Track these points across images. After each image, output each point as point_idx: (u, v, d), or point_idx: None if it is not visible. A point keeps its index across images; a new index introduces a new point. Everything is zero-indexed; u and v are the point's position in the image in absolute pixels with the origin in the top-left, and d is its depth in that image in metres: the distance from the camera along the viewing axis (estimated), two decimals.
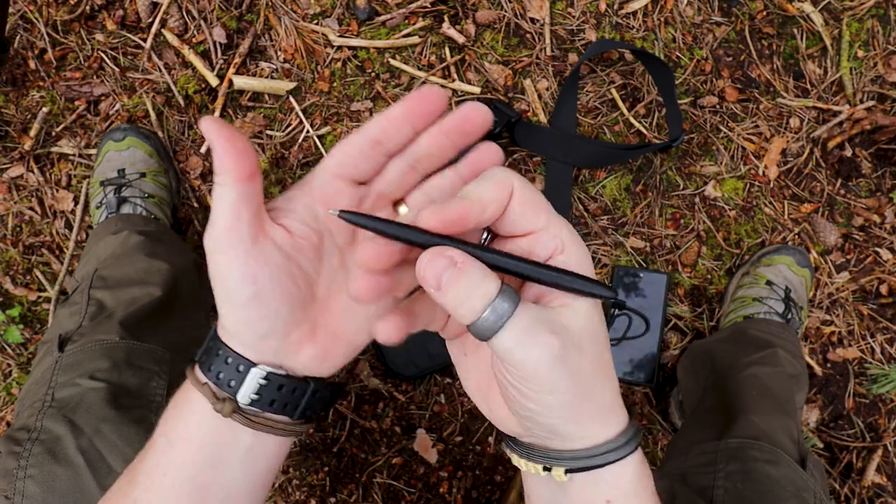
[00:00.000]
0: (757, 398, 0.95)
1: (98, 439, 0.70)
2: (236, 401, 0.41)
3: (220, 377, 0.41)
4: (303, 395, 0.43)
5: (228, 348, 0.41)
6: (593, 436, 0.38)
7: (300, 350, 0.42)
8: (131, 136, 1.20)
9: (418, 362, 1.22)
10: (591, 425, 0.38)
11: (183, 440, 0.42)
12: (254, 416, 0.42)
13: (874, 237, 1.29)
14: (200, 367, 0.42)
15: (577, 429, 0.38)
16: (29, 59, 1.27)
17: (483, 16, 1.29)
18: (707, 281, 1.29)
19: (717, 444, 0.86)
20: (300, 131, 1.28)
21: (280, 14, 1.28)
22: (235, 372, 0.41)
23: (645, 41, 1.30)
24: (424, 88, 0.40)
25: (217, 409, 0.41)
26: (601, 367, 0.38)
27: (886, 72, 1.30)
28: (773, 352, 1.05)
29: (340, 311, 0.43)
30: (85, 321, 0.88)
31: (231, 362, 0.41)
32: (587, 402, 0.37)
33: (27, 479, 0.67)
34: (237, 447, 0.42)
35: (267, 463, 0.44)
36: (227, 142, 0.37)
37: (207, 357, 0.42)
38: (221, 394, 0.41)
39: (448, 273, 0.34)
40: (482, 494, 1.25)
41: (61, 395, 0.75)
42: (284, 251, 0.40)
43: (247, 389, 0.41)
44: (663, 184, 1.29)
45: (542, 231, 0.37)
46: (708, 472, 0.82)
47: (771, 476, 0.79)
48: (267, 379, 0.41)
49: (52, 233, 1.27)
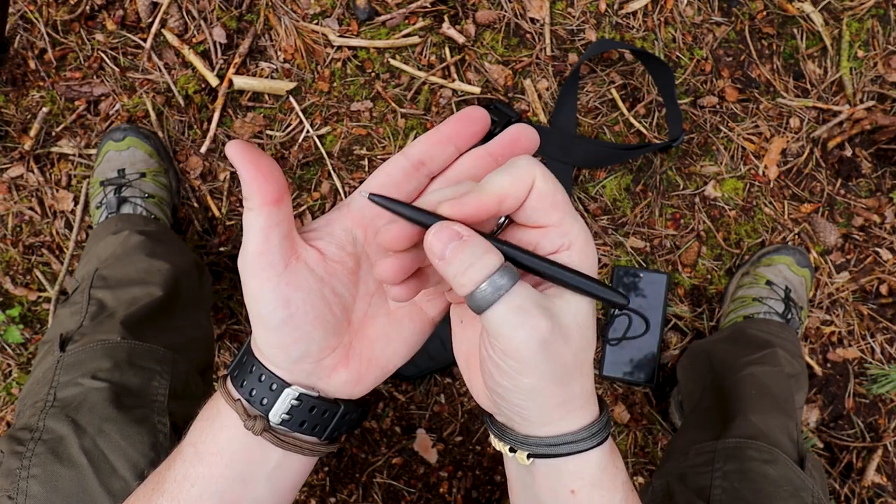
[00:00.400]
0: (755, 397, 0.95)
1: (101, 439, 0.70)
2: (267, 419, 0.42)
3: (253, 394, 0.41)
4: (333, 417, 0.43)
5: (262, 365, 0.41)
6: (557, 425, 0.39)
7: (333, 374, 0.42)
8: (131, 136, 1.20)
9: (418, 362, 1.22)
10: (556, 414, 0.39)
11: (212, 454, 0.42)
12: (283, 436, 0.42)
13: (874, 237, 1.29)
14: (233, 382, 0.43)
15: (542, 416, 0.39)
16: (29, 59, 1.27)
17: (483, 16, 1.29)
18: (707, 281, 1.29)
19: (715, 443, 0.87)
20: (300, 131, 1.28)
21: (280, 14, 1.28)
22: (268, 390, 0.41)
23: (645, 41, 1.30)
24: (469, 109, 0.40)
25: (248, 427, 0.41)
26: (582, 360, 0.38)
27: (886, 72, 1.30)
28: (772, 351, 1.05)
29: (376, 336, 0.43)
30: (86, 321, 0.88)
31: (264, 380, 0.41)
32: (559, 391, 0.38)
33: (30, 478, 0.67)
34: (265, 465, 0.43)
35: (293, 481, 0.45)
36: (252, 166, 0.37)
37: (240, 372, 0.42)
38: (253, 411, 0.42)
39: (453, 244, 0.35)
40: (482, 494, 1.25)
41: (63, 395, 0.75)
42: (318, 275, 0.40)
43: (278, 409, 0.41)
44: (663, 184, 1.29)
45: (553, 227, 0.37)
46: (706, 472, 0.82)
47: (768, 476, 0.80)
48: (299, 400, 0.41)
49: (52, 233, 1.27)
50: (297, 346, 0.40)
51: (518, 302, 0.35)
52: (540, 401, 0.38)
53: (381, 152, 1.28)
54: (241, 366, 0.43)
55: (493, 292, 0.35)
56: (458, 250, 0.35)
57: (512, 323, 0.35)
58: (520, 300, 0.35)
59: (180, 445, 0.44)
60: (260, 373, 0.41)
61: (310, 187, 1.28)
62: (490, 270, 0.35)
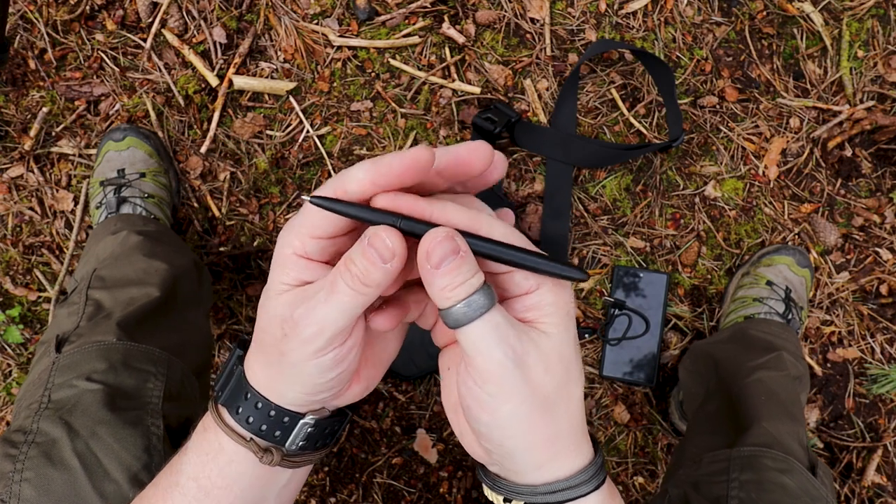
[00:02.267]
0: (765, 404, 0.94)
1: (94, 442, 0.70)
2: (283, 451, 0.41)
3: (263, 429, 0.40)
4: (340, 426, 0.44)
5: (269, 402, 0.40)
6: (549, 469, 0.38)
7: (347, 392, 0.42)
8: (131, 136, 1.20)
9: (418, 362, 1.22)
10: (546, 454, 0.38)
11: (220, 489, 0.41)
12: (297, 458, 0.42)
13: (874, 237, 1.29)
14: (231, 412, 0.41)
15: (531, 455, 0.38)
16: (29, 59, 1.27)
17: (483, 16, 1.29)
18: (707, 281, 1.29)
19: (729, 451, 0.85)
20: (300, 131, 1.28)
21: (280, 14, 1.28)
22: (280, 424, 0.40)
23: (645, 41, 1.30)
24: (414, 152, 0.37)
25: (265, 462, 0.41)
26: (568, 395, 0.38)
27: (886, 72, 1.30)
28: (777, 355, 1.04)
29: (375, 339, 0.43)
30: (83, 322, 0.88)
31: (275, 415, 0.40)
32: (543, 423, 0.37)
33: (23, 482, 0.67)
34: (276, 485, 0.43)
35: (297, 488, 0.45)
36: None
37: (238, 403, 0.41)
38: (264, 444, 0.41)
39: (451, 258, 0.35)
40: (482, 494, 1.25)
41: (58, 397, 0.75)
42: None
43: (294, 438, 0.41)
44: (663, 184, 1.29)
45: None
46: (721, 481, 0.81)
47: (786, 486, 0.79)
48: (315, 426, 0.41)
49: (52, 233, 1.27)
50: (319, 396, 0.40)
51: (494, 321, 0.35)
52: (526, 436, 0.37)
53: (381, 152, 1.28)
54: (236, 396, 0.41)
55: (473, 310, 0.35)
56: (454, 266, 0.35)
57: (488, 340, 0.35)
58: (496, 320, 0.35)
59: (174, 478, 0.43)
60: (269, 410, 0.40)
61: (310, 187, 1.28)
62: (475, 289, 0.35)
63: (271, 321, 0.38)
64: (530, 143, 1.26)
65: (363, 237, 0.35)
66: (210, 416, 0.42)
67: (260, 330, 0.39)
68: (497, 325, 0.35)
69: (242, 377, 0.41)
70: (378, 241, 0.34)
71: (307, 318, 0.36)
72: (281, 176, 1.28)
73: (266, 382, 0.40)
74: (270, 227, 1.28)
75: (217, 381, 0.43)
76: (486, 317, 0.35)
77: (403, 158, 0.35)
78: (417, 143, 1.29)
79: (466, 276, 0.35)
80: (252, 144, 1.27)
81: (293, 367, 0.38)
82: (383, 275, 0.35)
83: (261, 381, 0.40)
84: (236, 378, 0.42)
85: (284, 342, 0.37)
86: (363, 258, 0.35)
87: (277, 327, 0.37)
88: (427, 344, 1.21)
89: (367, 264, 0.35)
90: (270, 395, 0.40)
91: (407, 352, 1.22)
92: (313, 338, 0.36)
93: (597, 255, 1.28)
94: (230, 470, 0.41)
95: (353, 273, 0.35)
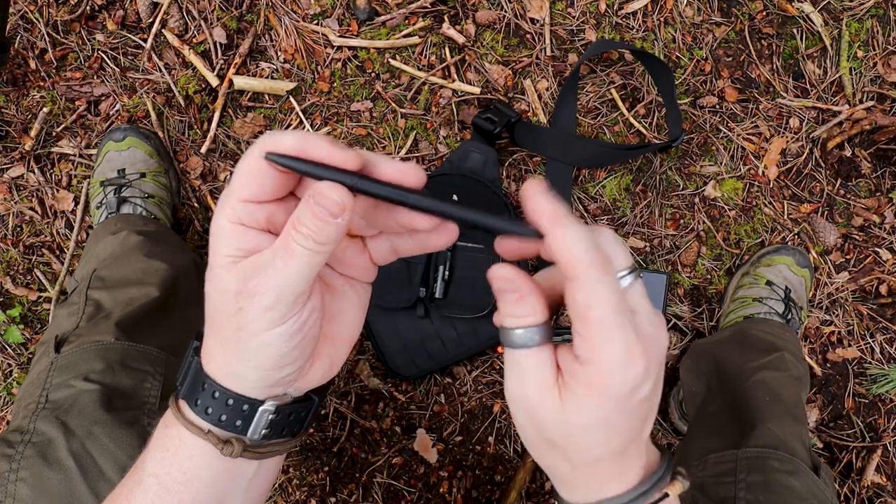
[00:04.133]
0: (769, 405, 0.94)
1: (90, 442, 0.70)
2: (245, 441, 0.40)
3: (223, 419, 0.39)
4: (308, 413, 0.42)
5: (227, 391, 0.39)
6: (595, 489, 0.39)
7: (309, 373, 0.41)
8: (131, 136, 1.20)
9: (418, 362, 1.23)
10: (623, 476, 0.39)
11: (180, 485, 0.40)
12: (261, 447, 0.41)
13: (874, 237, 1.29)
14: (191, 405, 0.40)
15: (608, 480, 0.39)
16: (29, 59, 1.27)
17: (483, 16, 1.29)
18: (707, 281, 1.29)
19: (735, 452, 0.85)
20: None
21: (280, 14, 1.28)
22: (239, 412, 0.39)
23: (645, 41, 1.30)
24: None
25: (226, 454, 0.39)
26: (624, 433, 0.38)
27: (886, 72, 1.30)
28: (779, 355, 1.04)
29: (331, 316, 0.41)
30: (82, 322, 0.88)
31: (233, 404, 0.39)
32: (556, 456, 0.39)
33: (19, 482, 0.67)
34: (243, 479, 0.42)
35: (267, 482, 0.44)
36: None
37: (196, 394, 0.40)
38: (225, 435, 0.40)
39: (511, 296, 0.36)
40: (482, 494, 1.25)
41: (55, 397, 0.75)
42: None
43: (256, 427, 0.40)
44: (663, 184, 1.29)
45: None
46: (728, 483, 0.81)
47: (793, 488, 0.79)
48: (276, 412, 0.40)
49: (53, 233, 1.27)
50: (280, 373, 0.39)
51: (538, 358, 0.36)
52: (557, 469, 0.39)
53: (382, 152, 1.28)
54: (194, 388, 0.40)
55: (526, 340, 0.36)
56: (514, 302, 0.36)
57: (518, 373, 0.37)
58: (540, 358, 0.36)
59: (137, 476, 0.42)
60: (226, 398, 0.39)
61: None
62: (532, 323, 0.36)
63: (223, 297, 0.37)
64: (530, 143, 1.26)
65: (307, 196, 0.35)
66: (170, 411, 0.41)
67: (212, 309, 0.38)
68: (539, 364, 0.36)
69: (199, 368, 0.40)
70: (325, 199, 0.34)
71: (264, 285, 0.35)
72: None
73: (224, 366, 0.39)
74: None
75: (178, 376, 0.42)
76: (534, 352, 0.36)
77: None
78: (417, 144, 1.29)
79: (524, 313, 0.36)
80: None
81: (252, 340, 0.37)
82: (336, 230, 0.35)
83: (219, 365, 0.39)
84: (193, 369, 0.41)
85: (241, 315, 0.36)
86: (313, 218, 0.34)
87: (231, 302, 0.36)
88: (427, 344, 1.21)
89: (318, 222, 0.34)
90: (228, 381, 0.39)
91: (407, 352, 1.22)
92: (274, 304, 0.36)
93: None
94: (191, 465, 0.40)
95: (305, 233, 0.34)
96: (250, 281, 0.36)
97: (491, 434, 1.27)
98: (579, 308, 0.33)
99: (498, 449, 1.26)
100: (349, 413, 1.25)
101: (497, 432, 1.27)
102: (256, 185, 0.36)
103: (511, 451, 1.26)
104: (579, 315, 0.34)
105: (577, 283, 0.33)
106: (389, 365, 1.23)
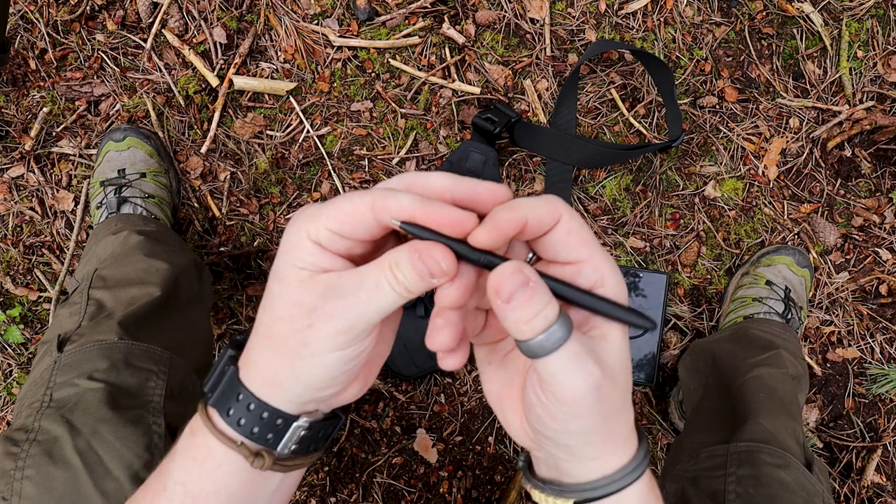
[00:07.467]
0: (763, 400, 0.94)
1: (95, 440, 0.70)
2: (275, 454, 0.40)
3: (255, 432, 0.39)
4: (334, 428, 0.43)
5: (263, 404, 0.39)
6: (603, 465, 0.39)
7: (347, 390, 0.41)
8: (132, 136, 1.20)
9: (418, 362, 1.23)
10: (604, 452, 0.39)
11: (208, 494, 0.40)
12: (289, 461, 0.41)
13: (873, 237, 1.29)
14: (222, 414, 0.40)
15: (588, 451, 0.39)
16: (29, 59, 1.27)
17: (483, 16, 1.29)
18: (707, 281, 1.29)
19: (727, 447, 0.86)
20: (300, 131, 1.28)
21: (280, 14, 1.28)
22: (273, 426, 0.39)
23: (645, 41, 1.30)
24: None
25: (256, 466, 0.39)
26: (626, 398, 0.38)
27: (886, 72, 1.30)
28: (776, 353, 1.05)
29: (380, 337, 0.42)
30: (84, 321, 0.88)
31: (267, 417, 0.39)
32: (606, 430, 0.38)
33: (24, 479, 0.67)
34: (267, 490, 0.42)
35: (289, 492, 0.44)
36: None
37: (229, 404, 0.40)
38: (255, 447, 0.40)
39: (521, 290, 0.35)
40: (482, 494, 1.25)
41: (59, 396, 0.76)
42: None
43: (287, 442, 0.40)
44: (663, 184, 1.29)
45: (584, 263, 0.37)
46: (719, 476, 0.82)
47: (782, 481, 0.79)
48: (309, 429, 0.40)
49: (53, 233, 1.27)
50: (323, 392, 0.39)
51: (574, 350, 0.35)
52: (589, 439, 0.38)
53: (381, 152, 1.28)
54: (227, 397, 0.40)
55: (551, 342, 0.35)
56: (527, 299, 0.34)
57: (568, 371, 0.35)
58: (576, 349, 0.35)
59: (161, 481, 0.42)
60: (262, 411, 0.39)
61: (310, 187, 1.28)
62: (550, 322, 0.35)
63: (295, 310, 0.37)
64: (530, 143, 1.27)
65: (413, 248, 0.35)
66: (199, 418, 0.41)
67: (274, 318, 0.38)
68: (575, 355, 0.35)
69: (235, 377, 0.40)
70: (431, 261, 0.35)
71: (343, 311, 0.36)
72: (281, 176, 1.28)
73: (268, 375, 0.39)
74: (270, 227, 1.28)
75: (207, 382, 0.42)
76: (564, 348, 0.35)
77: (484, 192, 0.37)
78: (417, 144, 1.29)
79: (539, 307, 0.35)
80: (252, 144, 1.28)
81: (313, 358, 0.37)
82: (427, 286, 0.35)
83: (262, 373, 0.39)
84: (228, 378, 0.40)
85: (310, 332, 0.36)
86: (412, 270, 0.35)
87: (303, 316, 0.36)
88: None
89: (415, 276, 0.35)
90: (267, 390, 0.39)
91: (407, 352, 1.22)
92: (346, 331, 0.36)
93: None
94: (219, 474, 0.40)
95: (399, 280, 0.35)
96: (329, 302, 0.36)
97: (491, 434, 1.27)
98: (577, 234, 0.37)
99: (498, 449, 1.26)
100: (349, 413, 1.25)
101: (497, 432, 1.27)
102: (350, 227, 0.36)
103: (511, 451, 1.26)
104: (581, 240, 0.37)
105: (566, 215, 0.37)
106: (389, 365, 1.23)
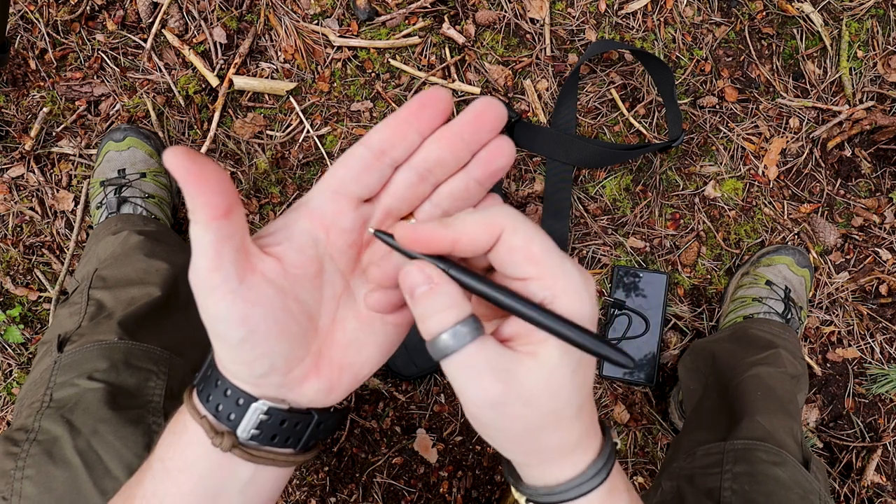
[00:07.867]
0: (761, 399, 0.95)
1: (95, 440, 0.70)
2: (236, 435, 0.40)
3: (219, 409, 0.39)
4: (306, 428, 0.42)
5: (226, 380, 0.39)
6: (542, 474, 0.39)
7: (304, 384, 0.40)
8: (132, 136, 1.20)
9: (418, 362, 1.23)
10: (539, 462, 0.39)
11: (179, 471, 0.41)
12: (254, 450, 0.41)
13: (874, 237, 1.29)
14: (199, 396, 0.41)
15: (520, 459, 0.39)
16: (29, 59, 1.27)
17: (483, 16, 1.29)
18: (707, 281, 1.29)
19: (723, 444, 0.86)
20: (300, 131, 1.28)
21: (280, 14, 1.28)
22: (235, 406, 0.39)
23: (645, 41, 1.30)
24: (428, 90, 0.37)
25: (216, 444, 0.39)
26: (557, 418, 0.37)
27: (886, 72, 1.30)
28: (775, 352, 1.05)
29: (347, 342, 0.41)
30: (84, 321, 0.88)
31: (230, 395, 0.39)
32: (530, 445, 0.38)
33: (24, 479, 0.68)
34: (236, 480, 0.41)
35: (267, 494, 0.43)
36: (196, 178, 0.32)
37: (206, 386, 0.40)
38: (220, 427, 0.40)
39: (422, 288, 0.35)
40: (482, 494, 1.25)
41: (59, 396, 0.76)
42: (277, 285, 0.37)
43: (247, 424, 0.40)
44: (663, 184, 1.29)
45: (531, 280, 0.36)
46: (715, 474, 0.82)
47: (778, 478, 0.79)
48: (268, 414, 0.40)
49: (53, 233, 1.27)
50: (260, 362, 0.38)
51: (471, 361, 0.35)
52: (507, 447, 0.38)
53: None
54: (206, 379, 0.41)
55: (451, 346, 0.34)
56: (425, 296, 0.35)
57: (462, 380, 0.35)
58: (474, 360, 0.34)
59: (149, 460, 0.43)
60: (225, 387, 0.39)
61: (310, 187, 1.28)
62: (447, 325, 0.34)
63: None
64: (530, 143, 1.27)
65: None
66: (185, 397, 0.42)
67: None
68: (470, 367, 0.35)
69: (212, 357, 0.40)
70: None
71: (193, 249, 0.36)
72: (281, 176, 1.28)
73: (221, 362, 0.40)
74: None
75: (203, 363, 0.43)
76: (461, 354, 0.34)
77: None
78: None
79: (439, 306, 0.35)
80: (252, 144, 1.28)
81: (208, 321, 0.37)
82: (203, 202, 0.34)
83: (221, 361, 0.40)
84: (209, 359, 0.41)
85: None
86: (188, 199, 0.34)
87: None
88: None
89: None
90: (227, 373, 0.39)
91: (407, 352, 1.22)
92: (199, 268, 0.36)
93: (596, 255, 1.28)
94: (189, 452, 0.40)
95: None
96: None
97: None
98: (522, 251, 0.34)
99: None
100: (349, 413, 1.25)
101: None
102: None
103: None
104: (526, 257, 0.35)
105: (508, 231, 0.34)
106: (389, 365, 1.23)
